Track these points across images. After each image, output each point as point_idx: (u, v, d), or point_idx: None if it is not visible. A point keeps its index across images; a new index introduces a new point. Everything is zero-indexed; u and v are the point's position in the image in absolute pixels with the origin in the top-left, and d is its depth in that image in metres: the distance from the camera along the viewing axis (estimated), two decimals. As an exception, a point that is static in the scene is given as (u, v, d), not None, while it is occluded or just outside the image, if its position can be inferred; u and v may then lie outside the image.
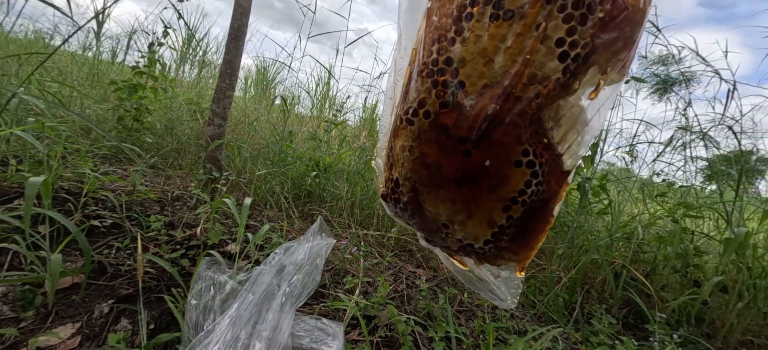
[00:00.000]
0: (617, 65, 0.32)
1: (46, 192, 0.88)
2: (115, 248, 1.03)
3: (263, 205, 1.48)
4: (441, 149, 0.34)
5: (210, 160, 1.39)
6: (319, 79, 2.93)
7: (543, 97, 0.31)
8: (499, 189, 0.34)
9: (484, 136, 0.32)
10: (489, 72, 0.31)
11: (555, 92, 0.31)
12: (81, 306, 0.87)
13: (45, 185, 0.84)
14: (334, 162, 1.77)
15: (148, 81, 1.72)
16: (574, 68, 0.30)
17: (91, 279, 0.93)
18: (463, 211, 0.36)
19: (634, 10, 0.31)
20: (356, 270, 1.18)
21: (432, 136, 0.35)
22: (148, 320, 0.85)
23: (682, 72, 1.64)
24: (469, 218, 0.36)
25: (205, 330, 0.78)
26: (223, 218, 1.30)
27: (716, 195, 1.72)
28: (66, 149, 1.30)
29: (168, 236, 1.12)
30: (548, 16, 0.29)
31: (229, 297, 0.86)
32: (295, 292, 0.90)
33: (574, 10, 0.29)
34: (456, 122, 0.33)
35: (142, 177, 1.45)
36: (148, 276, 0.97)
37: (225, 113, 1.44)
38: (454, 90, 0.32)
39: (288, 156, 1.73)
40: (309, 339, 0.81)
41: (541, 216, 0.36)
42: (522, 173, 0.34)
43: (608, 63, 0.31)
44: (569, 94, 0.32)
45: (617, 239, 1.63)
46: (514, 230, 0.37)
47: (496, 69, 0.31)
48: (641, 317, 1.38)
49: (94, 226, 1.10)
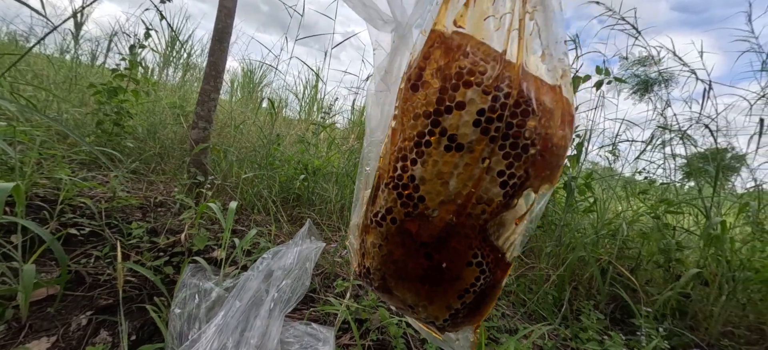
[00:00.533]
0: (546, 183, 0.41)
1: (19, 199, 0.84)
2: (94, 257, 0.99)
3: (250, 210, 1.45)
4: (406, 251, 0.41)
5: (195, 164, 1.35)
6: (307, 82, 2.91)
7: (488, 214, 0.38)
8: (455, 284, 0.42)
9: (442, 242, 0.39)
10: (445, 191, 0.38)
11: (498, 209, 0.38)
12: (57, 318, 0.83)
13: (17, 191, 0.80)
14: (323, 165, 1.75)
15: (129, 84, 1.67)
16: (512, 193, 0.38)
17: (68, 291, 0.89)
18: (425, 299, 0.44)
19: (560, 147, 0.39)
20: (347, 273, 1.17)
21: (398, 239, 0.41)
22: (129, 331, 0.82)
23: (661, 72, 1.70)
24: (430, 303, 0.44)
25: (190, 340, 0.76)
26: (208, 223, 1.27)
27: (695, 191, 1.78)
28: (41, 155, 1.25)
29: (150, 243, 1.08)
30: (491, 152, 0.36)
31: (215, 305, 0.84)
32: (284, 297, 0.88)
33: (511, 150, 0.36)
34: (418, 229, 0.39)
35: (123, 183, 1.40)
36: (129, 286, 0.93)
37: (210, 116, 1.41)
38: (417, 202, 0.39)
39: (276, 159, 1.71)
40: (299, 345, 0.79)
41: (490, 295, 0.45)
42: (472, 271, 0.41)
43: (540, 185, 0.39)
44: (510, 208, 0.40)
45: (603, 236, 1.66)
46: (467, 309, 0.45)
47: (451, 189, 0.37)
48: (628, 312, 1.41)
49: (71, 235, 1.05)
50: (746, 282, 1.31)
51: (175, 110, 2.08)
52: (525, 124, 0.35)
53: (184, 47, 2.90)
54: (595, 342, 1.09)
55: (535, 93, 0.37)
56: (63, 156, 1.33)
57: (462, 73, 0.36)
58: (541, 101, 0.37)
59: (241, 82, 3.06)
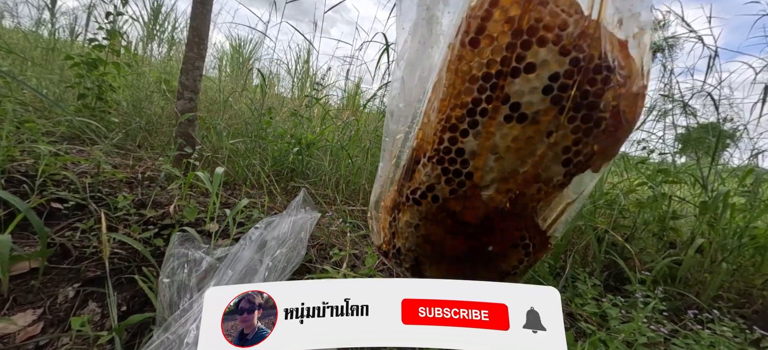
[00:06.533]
0: (607, 161, 0.35)
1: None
2: (80, 230, 0.95)
3: (243, 183, 1.41)
4: (446, 230, 0.37)
5: (181, 135, 1.30)
6: (299, 56, 2.80)
7: (543, 194, 0.34)
8: (498, 265, 0.38)
9: (488, 223, 0.35)
10: (498, 167, 0.32)
11: (554, 191, 0.34)
12: (43, 291, 0.80)
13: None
14: (317, 138, 1.71)
15: (110, 55, 1.58)
16: (574, 171, 0.33)
17: (54, 264, 0.86)
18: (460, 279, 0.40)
19: (631, 121, 0.33)
20: (343, 243, 1.15)
21: (439, 218, 0.37)
22: (118, 302, 0.80)
23: (666, 38, 1.64)
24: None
25: (181, 309, 0.73)
26: (198, 196, 1.23)
27: (690, 163, 1.77)
28: (18, 128, 1.18)
29: (138, 216, 1.04)
30: (558, 125, 0.31)
31: (206, 275, 0.81)
32: (279, 267, 0.86)
33: (583, 124, 0.31)
34: (463, 209, 0.35)
35: (109, 158, 1.35)
36: (117, 258, 0.90)
37: (195, 86, 1.34)
38: (464, 179, 0.34)
39: (268, 134, 1.65)
40: (294, 312, 0.78)
41: (523, 275, 0.41)
42: (517, 253, 0.38)
43: (602, 163, 0.34)
44: (564, 189, 0.35)
45: (600, 206, 1.66)
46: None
47: (505, 166, 0.32)
48: (621, 279, 1.43)
49: (55, 209, 1.01)
50: (740, 250, 1.32)
51: (161, 85, 2.00)
52: (603, 94, 0.30)
53: (167, 19, 2.77)
54: (593, 305, 1.09)
55: (617, 56, 0.30)
56: (42, 130, 1.27)
57: (537, 27, 0.29)
58: (622, 67, 0.31)
59: (229, 57, 2.95)
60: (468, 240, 0.36)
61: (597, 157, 0.32)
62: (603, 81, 0.30)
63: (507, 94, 0.31)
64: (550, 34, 0.29)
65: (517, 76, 0.30)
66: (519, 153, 0.32)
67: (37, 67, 1.89)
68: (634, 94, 0.32)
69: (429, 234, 0.38)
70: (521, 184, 0.33)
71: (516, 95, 0.30)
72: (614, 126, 0.31)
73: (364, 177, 1.63)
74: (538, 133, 0.31)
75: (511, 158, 0.32)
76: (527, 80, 0.30)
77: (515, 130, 0.31)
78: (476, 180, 0.33)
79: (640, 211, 1.55)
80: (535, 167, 0.32)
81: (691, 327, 0.99)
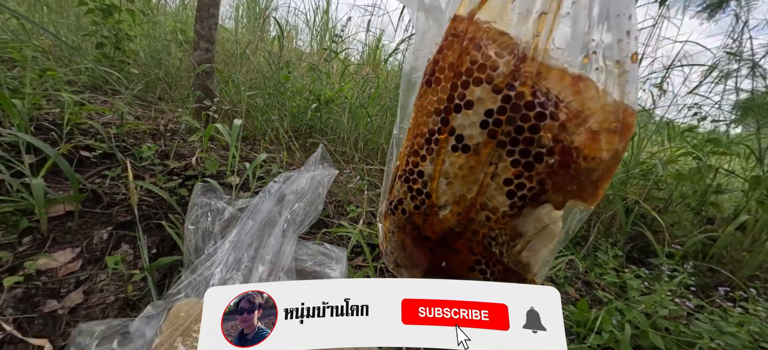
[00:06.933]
0: (575, 199, 0.34)
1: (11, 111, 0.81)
2: (109, 178, 0.99)
3: (261, 138, 1.41)
4: (413, 241, 0.41)
5: (199, 87, 1.28)
6: (318, 5, 2.65)
7: (493, 222, 0.35)
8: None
9: (444, 240, 0.38)
10: (449, 191, 0.36)
11: (504, 219, 0.35)
12: (79, 232, 0.85)
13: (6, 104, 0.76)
14: (336, 95, 1.65)
15: (124, 2, 1.54)
16: (521, 204, 0.33)
17: (87, 208, 0.90)
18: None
19: (595, 160, 0.31)
20: (359, 201, 1.14)
21: (407, 229, 0.41)
22: (148, 245, 0.84)
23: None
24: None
25: (206, 254, 0.76)
26: (219, 149, 1.24)
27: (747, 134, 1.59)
28: (41, 77, 1.20)
29: (162, 166, 1.06)
30: (499, 157, 0.33)
31: (229, 224, 0.83)
32: (297, 219, 0.86)
33: (521, 158, 0.32)
34: (423, 223, 0.38)
35: (131, 109, 1.36)
36: (145, 205, 0.93)
37: (211, 35, 1.30)
38: (424, 198, 0.38)
39: (287, 89, 1.61)
40: (312, 262, 0.79)
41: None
42: (475, 277, 0.39)
43: (565, 200, 0.33)
44: (519, 219, 0.35)
45: (633, 176, 1.57)
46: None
47: (455, 190, 0.35)
48: (645, 252, 1.38)
49: (84, 157, 1.04)
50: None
51: (177, 35, 1.95)
52: (538, 130, 0.30)
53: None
54: (613, 275, 1.07)
55: (560, 92, 0.31)
56: (64, 79, 1.28)
57: (472, 69, 0.32)
58: (568, 103, 0.30)
59: (245, 6, 2.83)
60: (430, 253, 0.40)
61: (552, 193, 0.33)
62: (536, 117, 0.31)
63: (452, 127, 0.34)
64: (483, 75, 0.32)
65: (458, 111, 0.34)
66: (465, 180, 0.35)
67: (52, 12, 1.88)
68: (592, 131, 0.31)
69: (401, 241, 0.43)
70: (470, 209, 0.35)
71: (459, 128, 0.34)
72: (563, 163, 0.31)
73: (383, 136, 1.59)
74: (480, 164, 0.33)
75: (458, 184, 0.35)
76: (467, 115, 0.33)
77: (461, 159, 0.34)
78: (434, 200, 0.37)
79: (678, 184, 1.45)
80: (480, 195, 0.35)
81: (720, 304, 0.95)
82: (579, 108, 0.31)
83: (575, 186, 0.32)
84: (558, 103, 0.30)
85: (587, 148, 0.31)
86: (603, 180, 0.33)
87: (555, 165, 0.31)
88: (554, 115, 0.30)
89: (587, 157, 0.31)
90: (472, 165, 0.33)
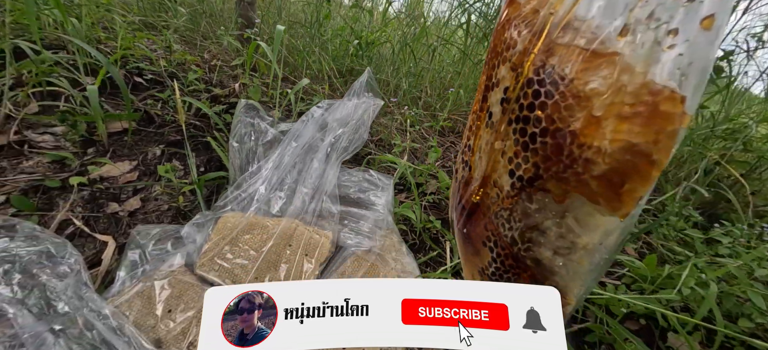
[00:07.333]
0: (577, 194, 0.30)
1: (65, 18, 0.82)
2: (160, 101, 1.01)
3: (302, 71, 1.37)
4: (454, 206, 0.46)
5: (241, 16, 1.25)
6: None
7: (501, 200, 0.36)
8: (474, 257, 0.44)
9: (471, 211, 0.42)
10: (479, 165, 0.39)
11: (508, 201, 0.35)
12: (135, 147, 0.88)
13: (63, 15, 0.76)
14: (377, 39, 1.55)
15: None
16: (519, 186, 0.34)
17: (142, 127, 0.93)
18: (463, 256, 0.48)
19: (599, 153, 0.27)
20: (404, 139, 1.07)
21: (457, 194, 0.46)
22: (197, 163, 0.85)
23: None
24: (465, 263, 0.48)
25: (250, 171, 0.75)
26: (261, 80, 1.22)
27: None
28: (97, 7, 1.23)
29: (207, 92, 1.07)
30: (507, 134, 0.34)
31: (271, 145, 0.81)
32: (340, 146, 0.82)
33: (520, 137, 0.32)
34: (463, 192, 0.43)
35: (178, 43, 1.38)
36: (193, 127, 0.95)
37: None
38: (468, 168, 0.42)
39: (327, 30, 1.54)
40: (356, 189, 0.76)
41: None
42: (486, 252, 0.41)
43: (565, 194, 0.31)
44: (524, 204, 0.34)
45: (719, 134, 1.33)
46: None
47: (482, 164, 0.39)
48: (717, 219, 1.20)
49: (138, 83, 1.07)
50: None
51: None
52: (534, 108, 0.30)
53: None
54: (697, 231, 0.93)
55: (565, 70, 0.28)
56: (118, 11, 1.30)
57: (501, 49, 0.34)
58: (569, 82, 0.28)
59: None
60: (465, 218, 0.43)
61: (549, 180, 0.31)
62: (533, 95, 0.30)
63: (489, 104, 0.36)
64: (507, 54, 0.33)
65: (491, 90, 0.36)
66: (487, 155, 0.37)
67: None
68: (593, 115, 0.27)
69: (452, 201, 0.48)
70: (485, 183, 0.38)
71: (491, 105, 0.36)
72: (556, 147, 0.29)
73: (427, 79, 1.47)
74: (497, 139, 0.35)
75: (484, 158, 0.37)
76: (494, 93, 0.35)
77: (487, 134, 0.37)
78: (472, 172, 0.40)
79: (768, 146, 1.21)
80: (493, 171, 0.36)
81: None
82: (581, 88, 0.27)
83: (574, 179, 0.29)
84: (557, 82, 0.28)
85: (582, 133, 0.28)
86: (615, 182, 0.27)
87: (548, 148, 0.30)
88: (549, 93, 0.29)
89: (582, 145, 0.28)
90: (492, 140, 0.35)
